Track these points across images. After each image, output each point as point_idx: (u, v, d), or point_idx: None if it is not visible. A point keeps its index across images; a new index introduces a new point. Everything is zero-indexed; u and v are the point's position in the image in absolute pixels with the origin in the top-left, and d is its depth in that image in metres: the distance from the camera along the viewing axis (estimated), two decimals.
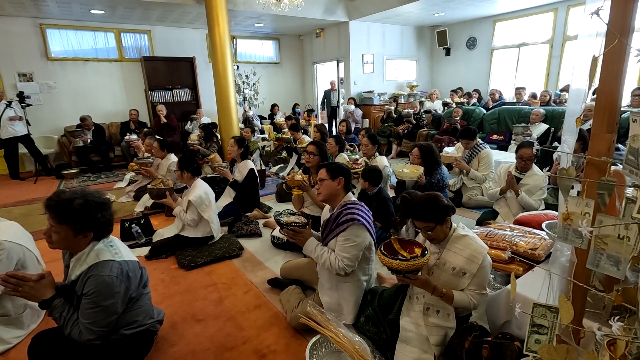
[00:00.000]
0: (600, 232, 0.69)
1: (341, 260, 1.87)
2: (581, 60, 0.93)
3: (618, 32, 0.69)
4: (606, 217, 0.68)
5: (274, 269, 2.68)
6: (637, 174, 0.62)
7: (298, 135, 5.42)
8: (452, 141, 5.72)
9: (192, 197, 2.84)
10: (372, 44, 8.43)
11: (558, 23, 7.01)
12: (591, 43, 0.88)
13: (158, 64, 7.35)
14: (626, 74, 0.80)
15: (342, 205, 1.99)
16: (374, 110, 8.10)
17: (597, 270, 0.71)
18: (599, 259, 0.69)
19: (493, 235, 2.18)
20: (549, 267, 1.02)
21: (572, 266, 0.84)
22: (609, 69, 0.79)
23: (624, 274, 0.66)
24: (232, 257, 2.90)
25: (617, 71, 0.79)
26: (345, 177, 1.99)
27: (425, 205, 1.75)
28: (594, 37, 0.91)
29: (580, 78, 0.96)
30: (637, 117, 0.65)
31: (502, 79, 8.23)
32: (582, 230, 0.66)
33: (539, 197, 3.05)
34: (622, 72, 0.78)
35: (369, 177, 2.95)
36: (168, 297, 2.39)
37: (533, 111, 5.36)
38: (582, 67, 0.93)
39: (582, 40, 1.01)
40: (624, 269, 0.66)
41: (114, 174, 6.32)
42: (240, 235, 3.30)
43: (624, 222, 0.65)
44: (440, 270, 1.77)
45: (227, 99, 5.91)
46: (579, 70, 0.96)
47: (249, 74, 7.51)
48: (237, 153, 3.77)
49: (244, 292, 2.43)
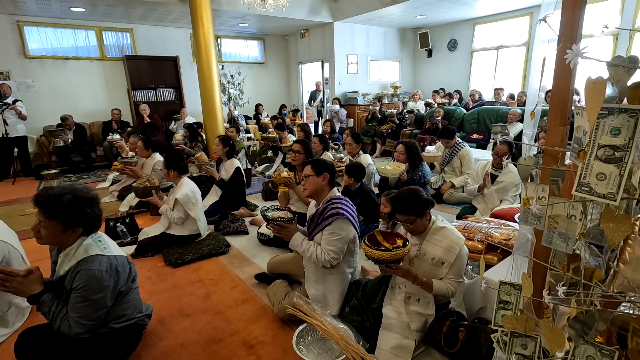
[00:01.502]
0: (552, 212, 0.78)
1: (327, 254, 1.94)
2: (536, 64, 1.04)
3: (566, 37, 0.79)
4: (556, 199, 0.77)
5: (261, 264, 2.73)
6: None
7: (284, 135, 5.47)
8: (434, 140, 5.87)
9: (179, 195, 2.86)
10: (356, 45, 8.56)
11: (534, 26, 7.28)
12: (543, 48, 0.98)
13: (141, 63, 7.26)
14: (576, 74, 0.90)
15: (328, 200, 2.06)
16: (358, 110, 8.23)
17: (550, 247, 0.81)
18: (552, 236, 0.78)
19: (470, 228, 2.30)
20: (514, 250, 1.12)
21: (532, 246, 0.93)
22: (560, 70, 0.89)
23: (572, 249, 0.76)
24: (219, 254, 2.94)
25: (567, 72, 0.89)
26: (330, 173, 2.06)
27: (406, 199, 1.84)
28: (546, 43, 1.02)
29: (535, 80, 1.06)
30: (580, 111, 0.74)
31: (481, 80, 8.49)
32: (533, 209, 0.75)
33: (514, 194, 3.20)
34: (572, 72, 0.88)
35: (353, 172, 3.03)
36: (155, 293, 2.41)
37: (510, 111, 5.57)
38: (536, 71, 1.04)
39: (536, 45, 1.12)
40: (571, 245, 0.75)
41: (96, 174, 6.23)
42: (227, 232, 3.33)
43: (568, 201, 0.74)
44: (421, 260, 1.87)
45: (212, 98, 5.90)
46: (534, 73, 1.07)
47: (234, 73, 7.51)
48: (223, 152, 3.79)
49: (231, 287, 2.47)
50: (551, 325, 0.82)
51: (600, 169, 0.61)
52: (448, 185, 4.10)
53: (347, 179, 3.06)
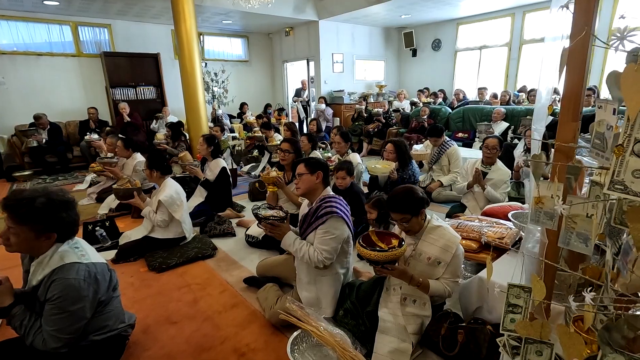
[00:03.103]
0: (570, 212, 0.74)
1: (320, 253, 1.88)
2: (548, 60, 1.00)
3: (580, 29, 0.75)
4: (576, 197, 0.73)
5: (250, 267, 2.64)
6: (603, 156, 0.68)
7: (270, 134, 5.37)
8: (420, 139, 5.90)
9: (163, 196, 2.74)
10: (342, 44, 8.52)
11: (515, 27, 7.42)
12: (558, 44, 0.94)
13: (120, 60, 7.00)
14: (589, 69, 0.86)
15: (322, 199, 2.00)
16: (344, 109, 8.19)
17: (568, 248, 0.76)
18: (570, 237, 0.74)
19: (464, 227, 2.27)
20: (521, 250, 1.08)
21: (544, 247, 0.90)
22: (573, 64, 0.85)
23: (591, 250, 0.72)
24: (206, 257, 2.83)
25: (581, 66, 0.85)
26: (324, 171, 2.00)
27: (402, 197, 1.80)
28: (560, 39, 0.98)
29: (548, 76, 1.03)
30: (602, 104, 0.71)
31: (465, 79, 8.60)
32: (558, 209, 0.71)
33: (504, 191, 3.22)
34: (585, 67, 0.85)
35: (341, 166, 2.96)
36: (139, 301, 2.29)
37: (495, 110, 5.64)
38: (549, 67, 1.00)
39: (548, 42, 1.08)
40: (591, 246, 0.71)
41: (72, 176, 5.96)
42: (214, 235, 3.22)
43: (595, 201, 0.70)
44: (416, 260, 1.82)
45: (195, 97, 5.73)
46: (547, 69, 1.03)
47: (217, 71, 7.34)
48: (207, 151, 3.67)
49: (219, 292, 2.37)
50: (568, 331, 0.78)
51: (637, 165, 0.57)
52: (436, 184, 4.10)
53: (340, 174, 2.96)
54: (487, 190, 3.19)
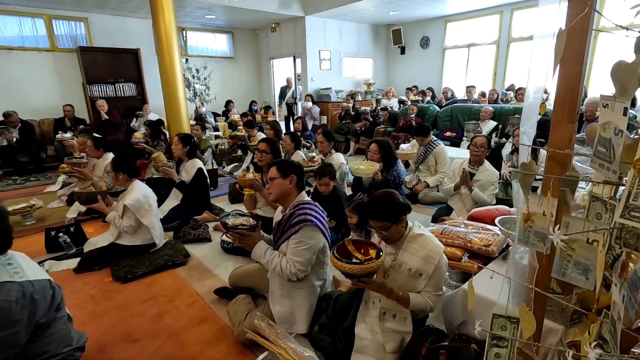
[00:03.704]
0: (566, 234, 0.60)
1: (293, 265, 1.72)
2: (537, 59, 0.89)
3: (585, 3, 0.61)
4: (574, 218, 0.59)
5: (224, 276, 2.47)
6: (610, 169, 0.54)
7: (253, 133, 5.18)
8: (408, 138, 5.78)
9: (129, 201, 2.54)
10: (329, 41, 8.35)
11: (503, 25, 7.36)
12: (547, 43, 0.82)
13: (97, 56, 6.72)
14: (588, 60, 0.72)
15: (295, 205, 1.84)
16: (331, 108, 8.03)
17: (564, 279, 0.62)
18: (566, 266, 0.60)
19: (448, 233, 2.14)
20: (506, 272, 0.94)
21: (533, 272, 0.76)
22: (570, 53, 0.71)
23: (593, 283, 0.58)
24: (177, 265, 2.65)
25: (578, 55, 0.71)
26: (298, 174, 1.84)
27: (380, 203, 1.65)
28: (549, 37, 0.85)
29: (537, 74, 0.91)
30: (609, 102, 0.56)
31: (453, 77, 8.53)
32: (554, 239, 0.56)
33: (491, 192, 3.11)
34: (584, 56, 0.70)
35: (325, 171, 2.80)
36: (98, 315, 2.10)
37: (483, 109, 5.55)
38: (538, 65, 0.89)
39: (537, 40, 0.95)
40: (593, 279, 0.57)
41: (45, 176, 5.68)
42: (187, 240, 3.04)
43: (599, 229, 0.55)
44: (396, 272, 1.68)
45: (175, 93, 5.50)
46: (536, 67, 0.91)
47: (199, 67, 7.09)
48: (183, 151, 3.48)
49: (188, 304, 2.19)
50: None
51: None
52: (423, 185, 3.98)
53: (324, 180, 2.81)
54: (474, 191, 3.08)
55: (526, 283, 0.76)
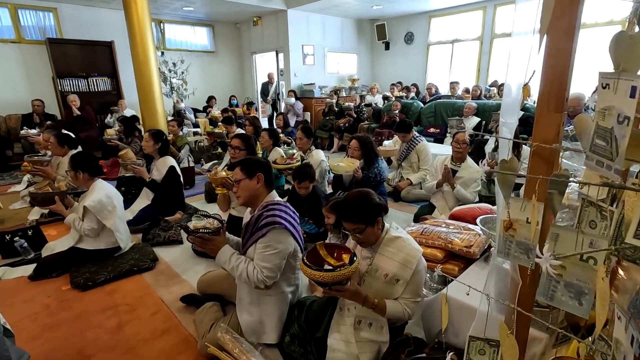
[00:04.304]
0: (555, 250, 0.49)
1: (260, 272, 1.59)
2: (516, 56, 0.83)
3: None
4: (564, 230, 0.48)
5: (193, 282, 2.31)
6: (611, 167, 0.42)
7: (232, 129, 5.00)
8: (392, 134, 5.68)
9: (89, 202, 2.35)
10: (312, 35, 8.18)
11: (487, 21, 7.33)
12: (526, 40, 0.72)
13: (68, 48, 6.39)
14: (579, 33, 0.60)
15: (264, 206, 1.70)
16: (315, 104, 7.88)
17: (552, 304, 0.51)
18: (554, 288, 0.48)
19: (428, 233, 2.04)
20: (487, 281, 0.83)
21: (516, 289, 0.64)
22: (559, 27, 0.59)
23: (589, 310, 0.46)
24: (143, 270, 2.47)
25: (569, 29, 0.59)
26: (265, 172, 1.70)
27: (354, 204, 1.53)
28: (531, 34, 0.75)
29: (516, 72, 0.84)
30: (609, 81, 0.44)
31: (437, 73, 8.48)
32: (542, 263, 0.45)
33: (474, 190, 3.03)
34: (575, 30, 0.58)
35: (303, 174, 2.67)
36: (50, 328, 1.92)
37: (466, 105, 5.50)
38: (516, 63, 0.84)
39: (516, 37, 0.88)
40: (588, 304, 0.46)
41: (11, 175, 5.37)
42: (157, 243, 2.86)
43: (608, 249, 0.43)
44: (372, 277, 1.57)
45: (149, 88, 5.27)
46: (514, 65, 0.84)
47: (176, 61, 6.82)
48: (154, 148, 3.28)
49: (151, 313, 2.03)
50: None
51: None
52: (406, 182, 3.89)
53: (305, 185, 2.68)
54: (456, 189, 3.00)
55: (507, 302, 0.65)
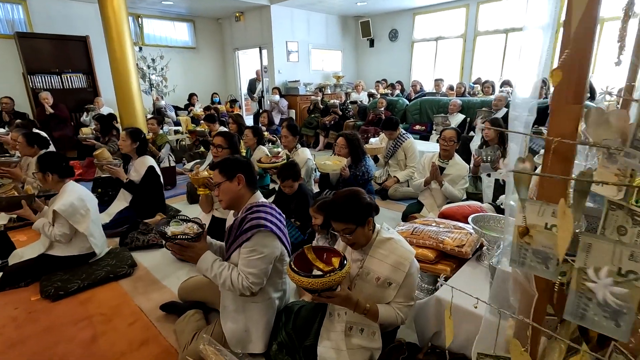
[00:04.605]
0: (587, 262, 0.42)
1: (245, 278, 1.49)
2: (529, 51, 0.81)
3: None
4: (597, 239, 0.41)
5: (174, 288, 2.18)
6: None
7: (214, 127, 4.84)
8: (377, 132, 5.65)
9: (59, 206, 2.20)
10: (297, 32, 8.06)
11: (470, 18, 7.38)
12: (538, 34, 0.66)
13: (39, 43, 6.08)
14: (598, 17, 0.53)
15: (247, 208, 1.61)
16: (300, 101, 7.77)
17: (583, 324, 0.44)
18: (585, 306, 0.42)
19: (419, 233, 1.99)
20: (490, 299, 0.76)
21: (528, 300, 0.58)
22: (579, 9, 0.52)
23: (628, 333, 0.40)
24: (120, 277, 2.33)
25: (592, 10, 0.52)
26: (245, 172, 1.60)
27: (344, 204, 1.46)
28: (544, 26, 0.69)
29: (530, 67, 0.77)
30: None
31: (422, 70, 8.51)
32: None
33: (462, 187, 3.00)
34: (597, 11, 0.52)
35: (287, 172, 2.58)
36: (17, 343, 1.77)
37: (451, 102, 5.51)
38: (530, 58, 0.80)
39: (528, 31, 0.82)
40: (627, 326, 0.39)
41: None
42: (136, 247, 2.72)
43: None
44: (363, 281, 1.50)
45: (127, 85, 5.06)
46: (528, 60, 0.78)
47: (155, 57, 6.58)
48: (132, 148, 3.12)
49: (128, 324, 1.91)
50: None
51: None
52: (392, 180, 3.84)
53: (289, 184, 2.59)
54: (444, 186, 2.96)
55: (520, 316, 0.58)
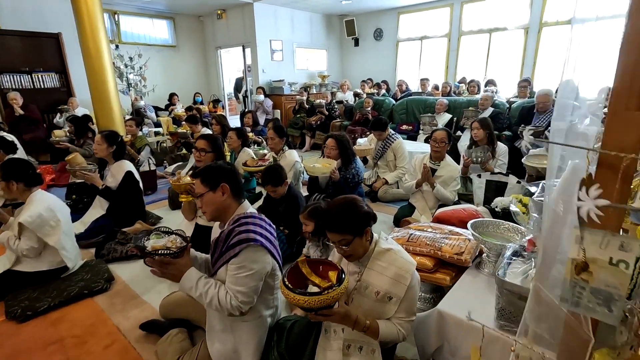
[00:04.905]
0: None
1: (234, 297, 1.37)
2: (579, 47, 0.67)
3: None
4: None
5: (155, 303, 2.03)
6: None
7: (196, 129, 4.66)
8: (364, 132, 5.57)
9: (25, 217, 2.01)
10: (281, 30, 7.91)
11: (454, 18, 7.40)
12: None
13: (7, 40, 5.75)
14: None
15: (235, 220, 1.48)
16: (285, 101, 7.63)
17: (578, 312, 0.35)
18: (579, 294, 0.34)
19: (415, 240, 1.90)
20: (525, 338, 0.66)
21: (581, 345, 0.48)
22: None
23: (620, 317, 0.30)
24: (95, 292, 2.16)
25: None
26: (230, 181, 1.47)
27: (340, 213, 1.35)
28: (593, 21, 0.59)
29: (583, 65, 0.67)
30: None
31: (407, 70, 8.50)
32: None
33: (454, 188, 2.95)
34: None
35: (270, 177, 2.46)
36: None
37: (438, 102, 5.49)
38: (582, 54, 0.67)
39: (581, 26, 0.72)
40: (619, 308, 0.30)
41: None
42: (113, 259, 2.54)
43: None
44: (362, 295, 1.40)
45: (103, 85, 4.82)
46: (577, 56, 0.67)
47: (133, 55, 6.31)
48: (108, 152, 2.93)
49: (104, 346, 1.75)
50: None
51: None
52: (381, 182, 3.77)
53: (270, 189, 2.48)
54: (436, 188, 2.90)
55: None
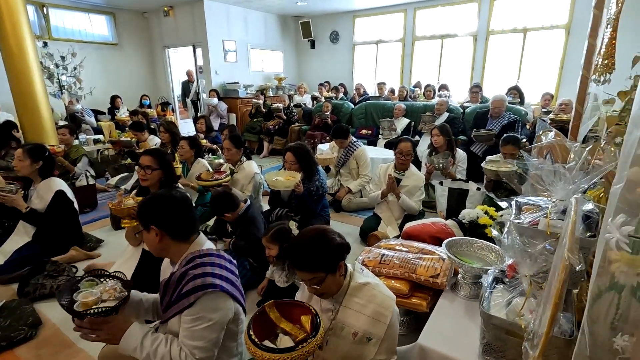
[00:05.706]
0: None
1: (190, 354, 1.15)
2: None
3: None
4: None
5: (94, 352, 1.73)
6: None
7: (143, 137, 4.25)
8: (324, 137, 5.47)
9: None
10: (234, 30, 7.57)
11: (408, 23, 7.55)
12: None
13: None
14: None
15: (188, 260, 1.25)
16: (240, 104, 7.30)
17: None
18: None
19: (388, 261, 1.79)
20: None
21: None
22: None
23: None
24: (17, 343, 1.80)
25: None
26: (164, 222, 1.23)
27: (310, 249, 1.20)
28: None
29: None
30: None
31: (364, 74, 8.55)
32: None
33: (418, 198, 2.92)
34: None
35: (220, 207, 2.25)
36: None
37: (396, 106, 5.52)
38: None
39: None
40: None
41: None
42: (41, 296, 2.16)
43: None
44: (337, 337, 1.25)
45: (28, 86, 4.22)
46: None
47: (65, 54, 5.64)
48: (32, 169, 2.51)
49: None
50: None
51: None
52: (345, 190, 3.67)
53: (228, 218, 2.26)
54: (402, 199, 2.84)
55: None
